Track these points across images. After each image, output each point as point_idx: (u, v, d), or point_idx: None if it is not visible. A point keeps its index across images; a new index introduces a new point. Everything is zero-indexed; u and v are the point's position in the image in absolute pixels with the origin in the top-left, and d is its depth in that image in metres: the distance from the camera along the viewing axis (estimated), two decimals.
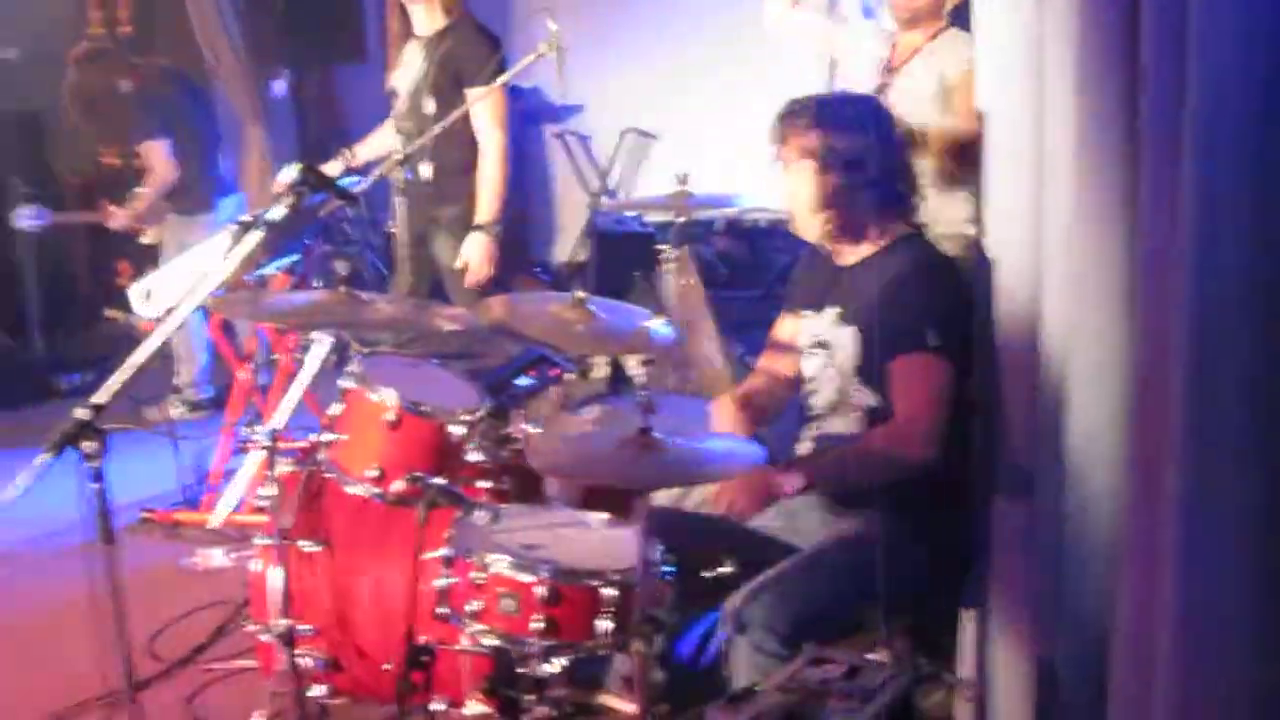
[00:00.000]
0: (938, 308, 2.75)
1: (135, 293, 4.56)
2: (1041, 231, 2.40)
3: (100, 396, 2.22)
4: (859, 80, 3.81)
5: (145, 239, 5.97)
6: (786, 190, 2.87)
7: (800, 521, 2.94)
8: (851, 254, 2.90)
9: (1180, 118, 1.72)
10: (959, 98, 3.35)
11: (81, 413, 2.17)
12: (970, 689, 2.92)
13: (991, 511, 2.73)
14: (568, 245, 7.83)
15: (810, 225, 2.88)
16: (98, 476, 2.19)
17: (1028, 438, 2.55)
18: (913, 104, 3.47)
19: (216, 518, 4.43)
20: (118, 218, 5.75)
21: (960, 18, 3.65)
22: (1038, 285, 2.44)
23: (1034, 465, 2.52)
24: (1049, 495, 2.44)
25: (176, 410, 5.58)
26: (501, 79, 4.03)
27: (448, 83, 4.40)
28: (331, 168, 4.77)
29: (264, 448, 2.77)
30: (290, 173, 2.28)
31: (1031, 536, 2.55)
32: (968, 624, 2.93)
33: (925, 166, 3.34)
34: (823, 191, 2.81)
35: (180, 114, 5.69)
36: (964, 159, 3.14)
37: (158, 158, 5.56)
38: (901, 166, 2.91)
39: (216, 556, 4.12)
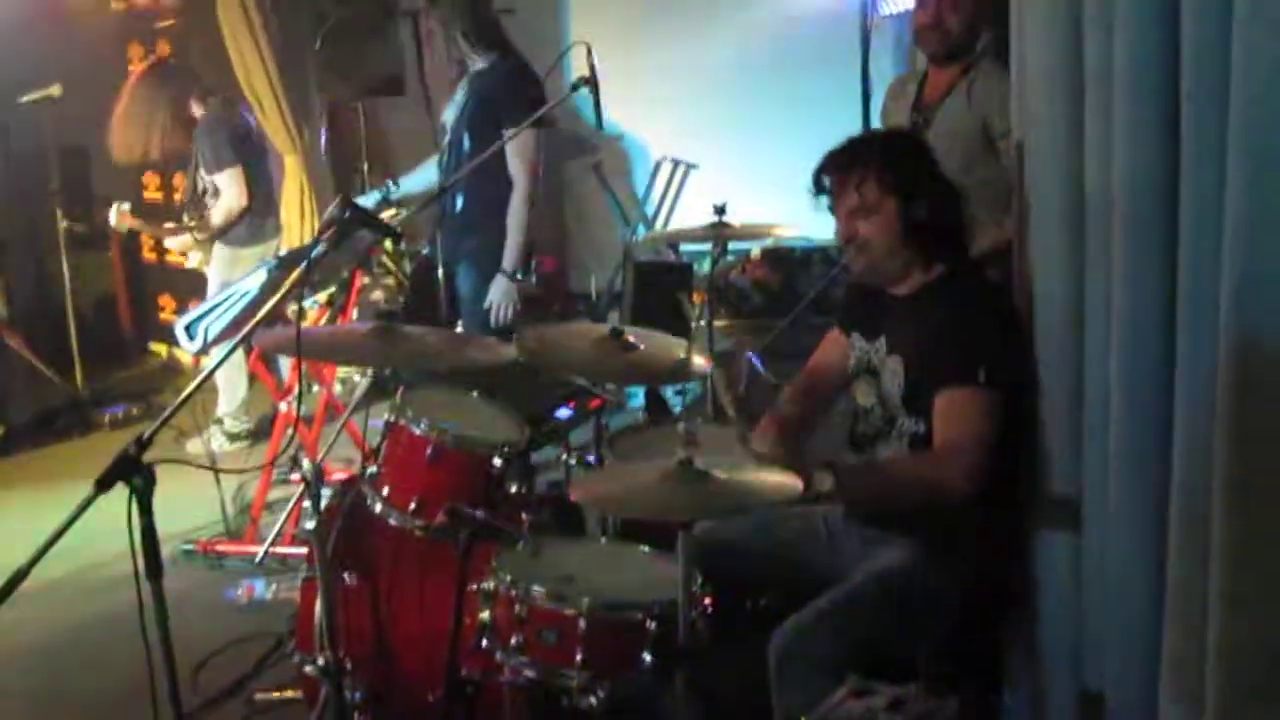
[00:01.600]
0: (990, 343, 2.72)
1: (179, 327, 4.61)
2: (1084, 257, 2.40)
3: (147, 432, 2.25)
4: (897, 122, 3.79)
5: (189, 264, 6.03)
6: (868, 234, 2.81)
7: (841, 552, 2.93)
8: (906, 285, 2.87)
9: (1223, 132, 1.72)
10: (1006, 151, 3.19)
11: (130, 448, 2.20)
12: None
13: (1037, 542, 2.72)
14: (604, 275, 7.85)
15: (886, 263, 2.84)
16: (146, 510, 2.22)
17: (1073, 468, 2.54)
18: (951, 145, 3.38)
19: (259, 549, 4.45)
20: (180, 239, 5.81)
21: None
22: (1080, 309, 2.44)
23: (1079, 496, 2.51)
24: (1095, 525, 2.43)
25: (216, 441, 5.63)
26: (532, 117, 4.03)
27: (484, 120, 4.43)
28: (369, 198, 4.82)
29: (306, 480, 2.78)
30: (333, 209, 2.31)
31: (1078, 568, 2.53)
32: (1014, 655, 2.92)
33: None
34: (906, 228, 2.78)
35: (247, 144, 5.72)
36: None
37: (235, 184, 5.56)
38: (955, 197, 2.87)
39: (260, 588, 4.16)
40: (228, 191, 5.57)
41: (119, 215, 5.74)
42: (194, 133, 5.61)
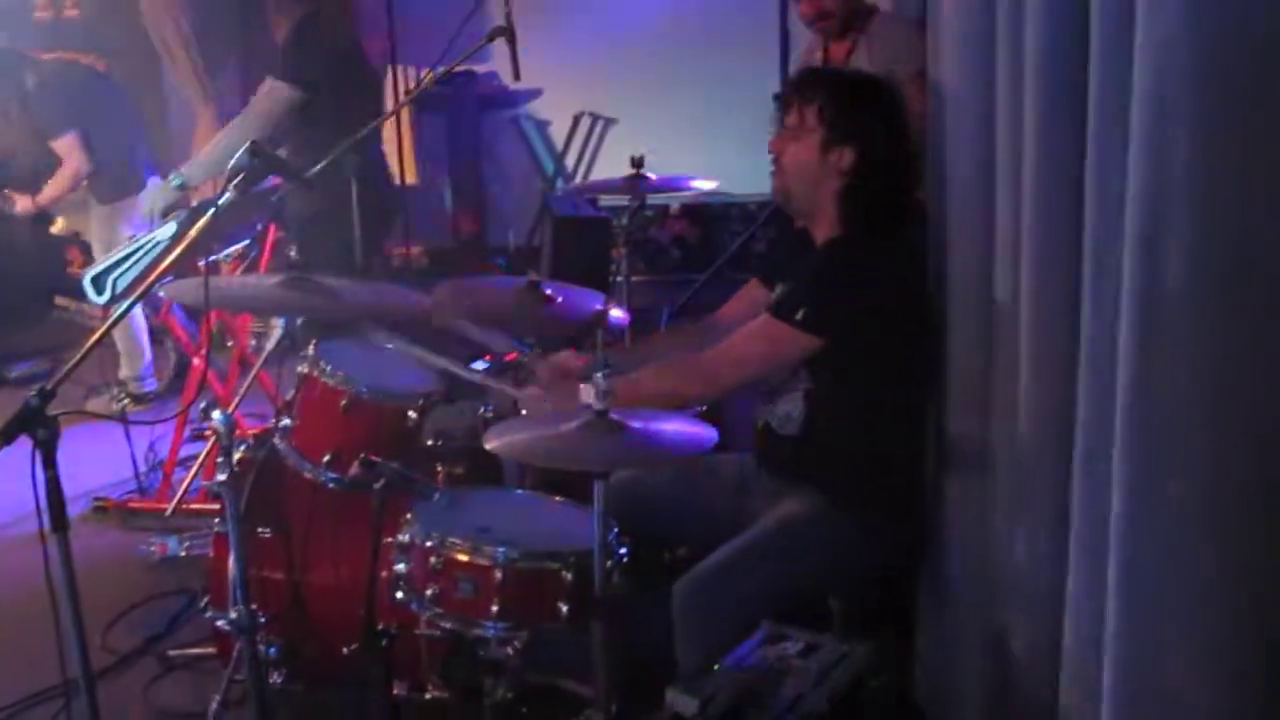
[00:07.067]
0: (830, 295, 2.69)
1: (85, 279, 4.52)
2: (994, 221, 2.42)
3: (50, 382, 2.21)
4: None
5: (54, 229, 6.02)
6: (789, 156, 2.78)
7: (752, 504, 2.95)
8: (821, 232, 2.83)
9: (1128, 107, 1.74)
10: (913, 93, 3.05)
11: (32, 399, 2.16)
12: (923, 665, 2.96)
13: (946, 490, 2.76)
14: (524, 230, 7.82)
15: (795, 191, 2.80)
16: (49, 463, 2.18)
17: (979, 421, 2.58)
18: None
19: (171, 505, 4.40)
20: (20, 205, 5.71)
21: None
22: (989, 271, 2.47)
23: (985, 448, 2.55)
24: (1001, 476, 2.47)
25: (119, 404, 5.51)
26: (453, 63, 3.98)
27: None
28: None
29: (219, 433, 2.75)
30: (241, 155, 2.27)
31: (983, 515, 2.58)
32: (926, 600, 2.97)
33: None
34: (825, 167, 2.74)
35: (87, 104, 5.57)
36: None
37: (71, 151, 5.47)
38: (906, 161, 2.79)
39: (172, 544, 4.11)
40: (68, 158, 5.47)
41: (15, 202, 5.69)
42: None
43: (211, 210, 2.21)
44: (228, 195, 2.23)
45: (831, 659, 2.39)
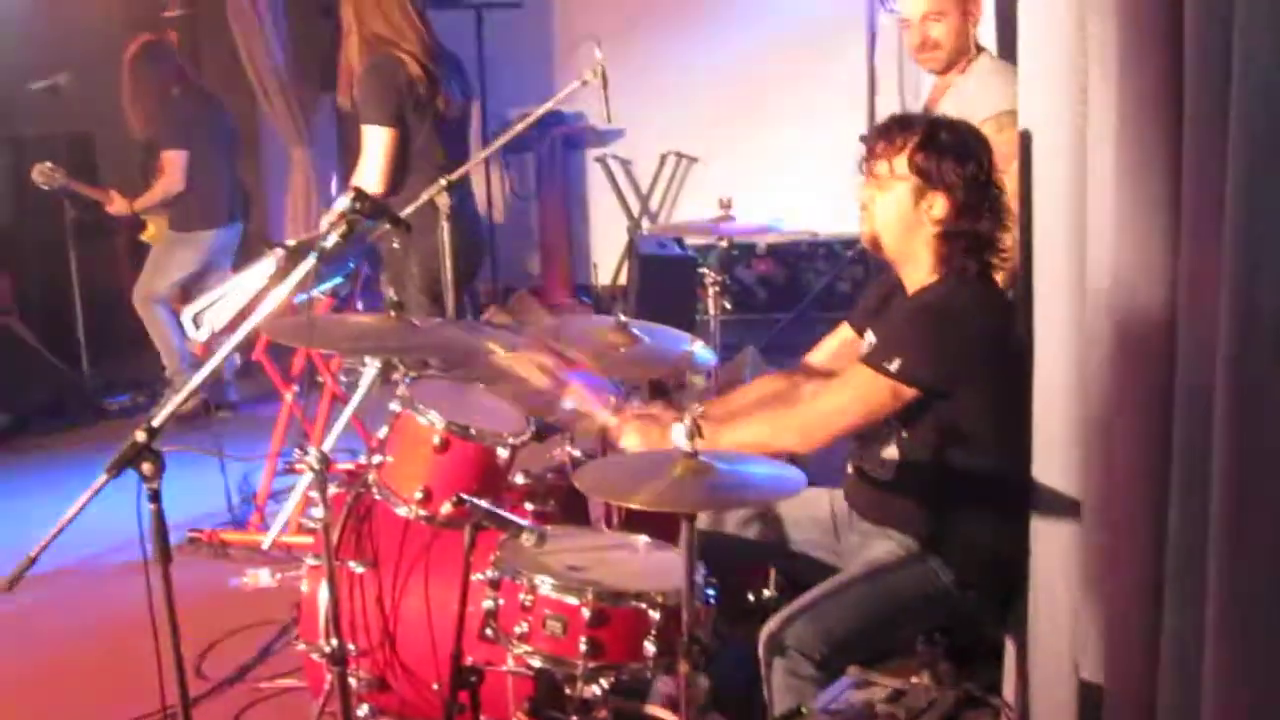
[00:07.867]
0: (923, 343, 2.69)
1: (186, 316, 4.63)
2: (1084, 247, 2.41)
3: (157, 419, 2.27)
4: None
5: (144, 236, 6.32)
6: (877, 205, 2.78)
7: (843, 544, 2.95)
8: (915, 281, 2.83)
9: (1225, 127, 1.73)
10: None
11: (140, 435, 2.22)
12: (1013, 713, 2.92)
13: (1035, 536, 2.74)
14: (609, 269, 7.89)
15: (886, 241, 2.80)
16: (155, 497, 2.24)
17: (1068, 462, 2.56)
18: None
19: (265, 538, 4.47)
20: (117, 205, 6.07)
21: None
22: (1079, 316, 2.45)
23: (1077, 494, 2.52)
24: (1091, 520, 2.45)
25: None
26: (544, 107, 4.06)
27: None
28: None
29: (312, 469, 2.81)
30: (344, 200, 2.33)
31: (1073, 561, 2.55)
32: (1010, 647, 2.94)
33: None
34: (915, 216, 2.73)
35: (205, 132, 5.98)
36: None
37: (175, 168, 5.87)
38: (994, 205, 2.76)
39: (264, 576, 4.17)
40: (167, 172, 5.89)
41: (40, 173, 5.87)
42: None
43: (315, 252, 2.27)
44: (332, 238, 2.29)
45: (919, 705, 2.38)
